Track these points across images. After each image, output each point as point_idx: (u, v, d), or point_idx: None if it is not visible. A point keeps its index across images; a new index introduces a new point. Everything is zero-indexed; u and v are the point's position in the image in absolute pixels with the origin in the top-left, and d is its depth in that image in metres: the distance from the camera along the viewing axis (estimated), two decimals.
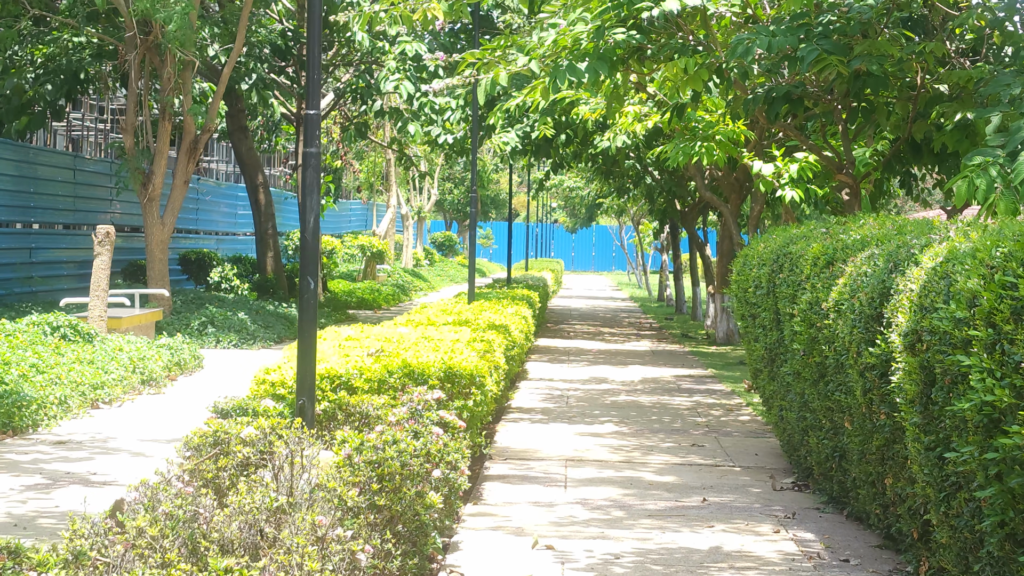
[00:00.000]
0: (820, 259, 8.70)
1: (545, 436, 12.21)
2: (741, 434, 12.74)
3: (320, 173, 7.65)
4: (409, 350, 10.00)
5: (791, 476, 10.30)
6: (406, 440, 6.72)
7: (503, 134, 23.47)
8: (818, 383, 8.76)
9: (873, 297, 7.09)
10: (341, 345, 10.31)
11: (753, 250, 11.22)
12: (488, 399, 9.36)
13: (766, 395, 11.13)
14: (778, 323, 10.05)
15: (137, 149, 21.08)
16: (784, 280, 9.58)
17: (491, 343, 11.43)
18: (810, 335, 8.68)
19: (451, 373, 9.03)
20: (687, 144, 16.03)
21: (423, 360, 9.14)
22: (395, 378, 8.95)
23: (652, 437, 12.36)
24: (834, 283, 8.22)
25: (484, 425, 12.46)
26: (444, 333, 12.05)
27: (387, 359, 9.18)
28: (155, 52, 20.61)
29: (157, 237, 21.04)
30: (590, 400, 15.20)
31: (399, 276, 44.50)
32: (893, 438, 7.00)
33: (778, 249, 10.09)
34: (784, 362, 9.96)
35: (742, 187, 22.98)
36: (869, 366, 7.07)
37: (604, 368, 19.20)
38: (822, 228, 9.99)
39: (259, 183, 28.69)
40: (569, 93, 17.22)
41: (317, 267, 7.33)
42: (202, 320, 20.77)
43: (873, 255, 7.68)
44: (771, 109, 12.68)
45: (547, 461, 10.82)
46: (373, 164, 46.96)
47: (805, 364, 8.95)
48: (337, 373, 8.92)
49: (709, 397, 15.89)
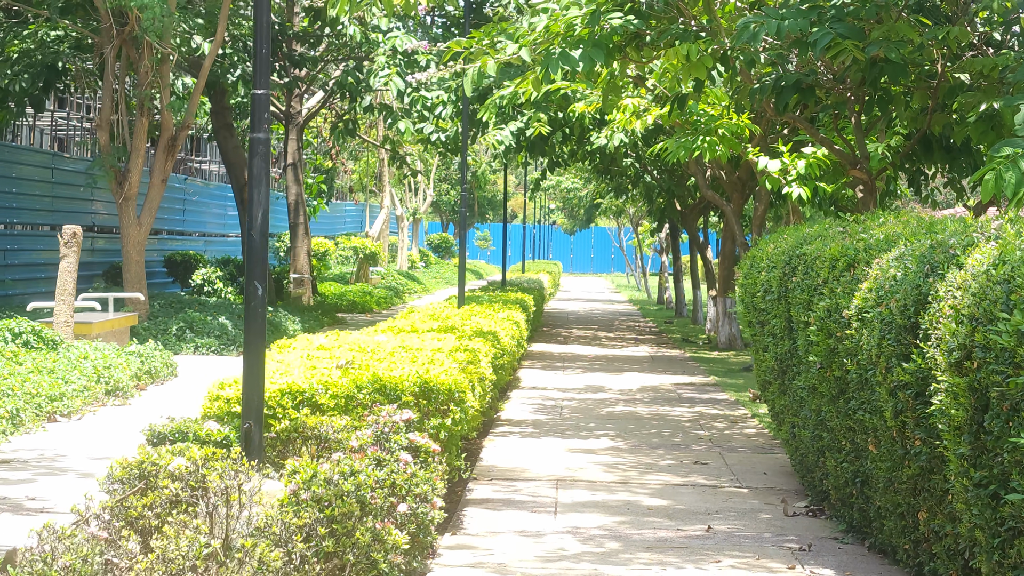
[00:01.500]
0: (839, 261, 7.78)
1: (535, 452, 11.28)
2: (747, 449, 11.82)
3: (269, 162, 6.74)
4: (384, 361, 9.07)
5: (804, 499, 9.37)
6: (366, 471, 5.80)
7: (497, 131, 22.53)
8: (837, 400, 7.83)
9: (906, 305, 6.16)
10: (310, 356, 9.38)
11: (762, 251, 10.29)
12: (470, 416, 8.44)
13: (776, 409, 10.20)
14: (790, 331, 9.13)
15: (113, 146, 20.15)
16: (798, 284, 8.66)
17: (476, 352, 10.50)
18: (828, 346, 7.76)
19: (427, 388, 8.10)
20: (688, 139, 15.13)
21: (396, 373, 8.21)
22: (364, 394, 8.01)
23: (651, 453, 11.43)
24: (856, 288, 7.29)
25: (470, 441, 11.53)
26: (426, 341, 11.12)
27: (357, 372, 8.25)
28: (132, 45, 19.68)
29: (133, 238, 20.10)
30: (585, 411, 14.27)
31: (393, 278, 43.56)
32: (930, 468, 6.07)
33: (790, 250, 9.16)
34: (797, 375, 9.04)
35: (745, 186, 22.07)
36: (902, 384, 6.14)
37: (600, 375, 18.28)
38: (838, 227, 9.08)
39: (245, 182, 27.68)
40: (563, 85, 16.31)
41: (265, 270, 6.42)
42: (180, 325, 19.83)
43: (903, 256, 6.76)
44: (780, 99, 11.75)
45: (536, 482, 9.89)
46: (367, 164, 46.02)
47: (822, 378, 8.02)
48: (300, 388, 7.98)
49: (712, 407, 14.96)
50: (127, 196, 19.95)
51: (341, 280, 40.08)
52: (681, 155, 14.90)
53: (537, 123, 21.33)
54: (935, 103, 12.12)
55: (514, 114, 23.01)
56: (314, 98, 30.78)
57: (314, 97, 30.82)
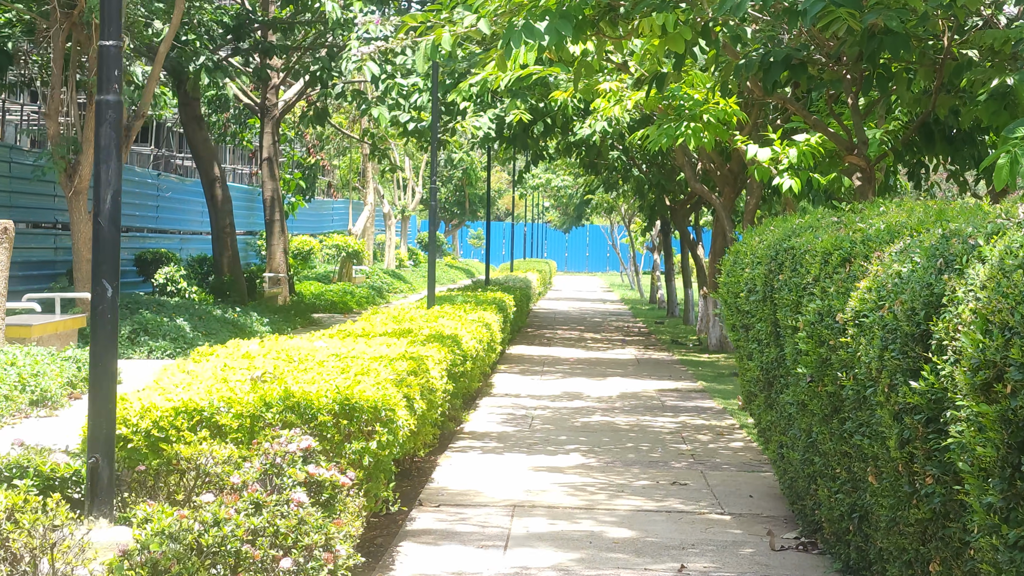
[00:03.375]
0: (833, 255, 6.58)
1: (495, 471, 10.07)
2: (733, 466, 10.61)
3: (120, 131, 5.55)
4: (309, 372, 7.87)
5: (793, 529, 8.17)
6: (237, 519, 4.59)
7: (474, 118, 21.32)
8: (830, 420, 6.63)
9: (914, 308, 4.96)
10: (227, 366, 8.17)
11: (746, 245, 9.08)
12: (402, 437, 7.23)
13: (762, 425, 8.99)
14: (777, 337, 7.92)
15: (63, 137, 18.94)
16: (785, 283, 7.46)
17: (424, 360, 9.29)
18: (819, 356, 6.56)
19: (348, 406, 6.89)
20: (671, 125, 13.90)
21: (314, 388, 7.00)
22: (274, 413, 6.80)
23: (624, 472, 10.22)
24: (853, 287, 6.09)
25: (422, 459, 10.34)
26: (373, 347, 9.93)
27: (267, 387, 7.05)
28: (81, 28, 18.46)
29: (85, 235, 18.88)
30: (558, 422, 13.06)
31: (378, 277, 42.34)
32: (945, 512, 4.88)
33: (777, 243, 7.96)
34: (785, 387, 7.83)
35: (736, 179, 20.86)
36: (909, 407, 4.94)
37: (580, 381, 17.06)
38: (832, 217, 7.88)
39: (215, 177, 26.55)
40: (537, 69, 15.10)
41: (116, 265, 5.23)
42: (134, 327, 18.63)
43: (908, 249, 5.56)
44: (768, 76, 10.54)
45: (489, 508, 8.68)
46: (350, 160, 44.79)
47: (813, 393, 6.82)
48: (197, 406, 6.77)
49: (697, 417, 13.76)
50: (77, 190, 18.73)
51: (324, 279, 38.85)
52: (663, 142, 13.67)
53: (515, 110, 20.08)
54: (940, 82, 10.91)
55: (493, 102, 21.81)
56: (291, 90, 29.57)
57: (291, 89, 29.62)
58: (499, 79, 14.87)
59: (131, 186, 30.57)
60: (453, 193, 65.75)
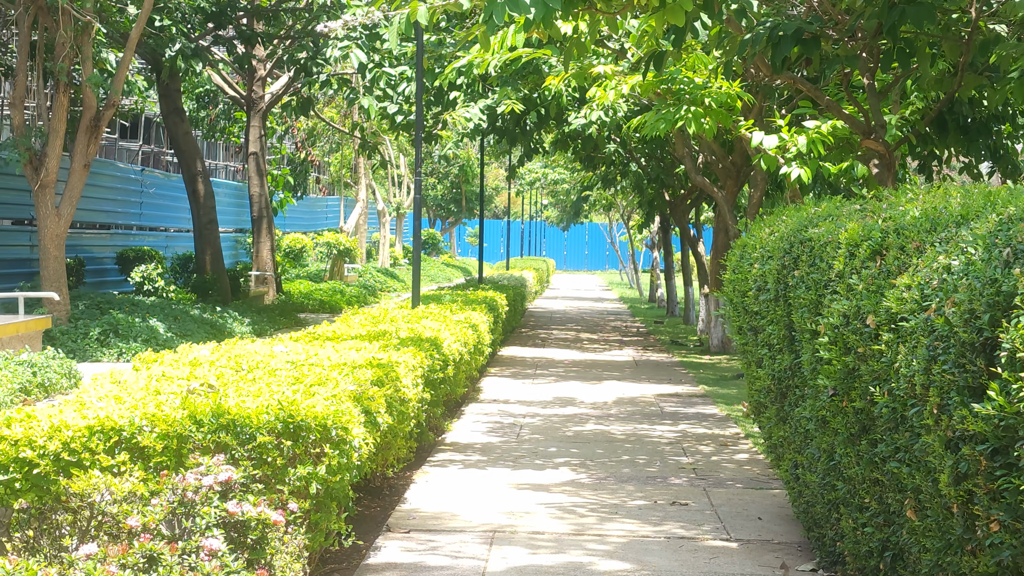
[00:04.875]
0: (861, 247, 5.59)
1: (475, 490, 9.08)
2: (738, 482, 9.63)
3: None
4: (258, 382, 6.89)
5: (810, 560, 7.18)
6: None
7: (464, 108, 20.33)
8: (858, 440, 5.64)
9: (973, 310, 3.98)
10: (164, 376, 7.18)
11: (754, 238, 8.09)
12: (357, 459, 6.24)
13: (773, 440, 7.99)
14: (792, 342, 6.94)
15: (28, 127, 17.95)
16: (801, 279, 6.47)
17: (394, 367, 8.30)
18: (845, 365, 5.57)
19: (292, 424, 5.90)
20: (669, 110, 12.92)
21: (254, 403, 6.01)
22: (205, 432, 5.82)
23: (618, 491, 9.22)
24: (887, 284, 5.11)
25: (396, 475, 9.35)
26: (342, 352, 8.95)
27: (203, 401, 6.06)
28: (47, 12, 17.47)
29: (52, 231, 17.88)
30: (548, 431, 12.07)
31: (371, 276, 41.33)
32: (1017, 567, 3.88)
33: (791, 234, 6.97)
34: (801, 400, 6.84)
35: (739, 172, 19.87)
36: (968, 435, 3.95)
37: (574, 385, 16.07)
38: (854, 204, 6.89)
39: (197, 171, 25.54)
40: (526, 51, 14.11)
41: None
42: (104, 328, 17.63)
43: (957, 238, 4.58)
44: (777, 52, 9.54)
45: (465, 534, 7.69)
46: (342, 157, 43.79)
47: (836, 409, 5.83)
48: (115, 425, 5.78)
49: (698, 425, 12.77)
50: (44, 183, 17.72)
51: (316, 278, 37.85)
52: (661, 128, 12.68)
53: (506, 100, 19.08)
54: (967, 58, 9.92)
55: (484, 92, 20.82)
56: (278, 83, 28.58)
57: (278, 81, 28.63)
58: (486, 62, 13.87)
59: (113, 181, 29.59)
60: (449, 190, 64.75)
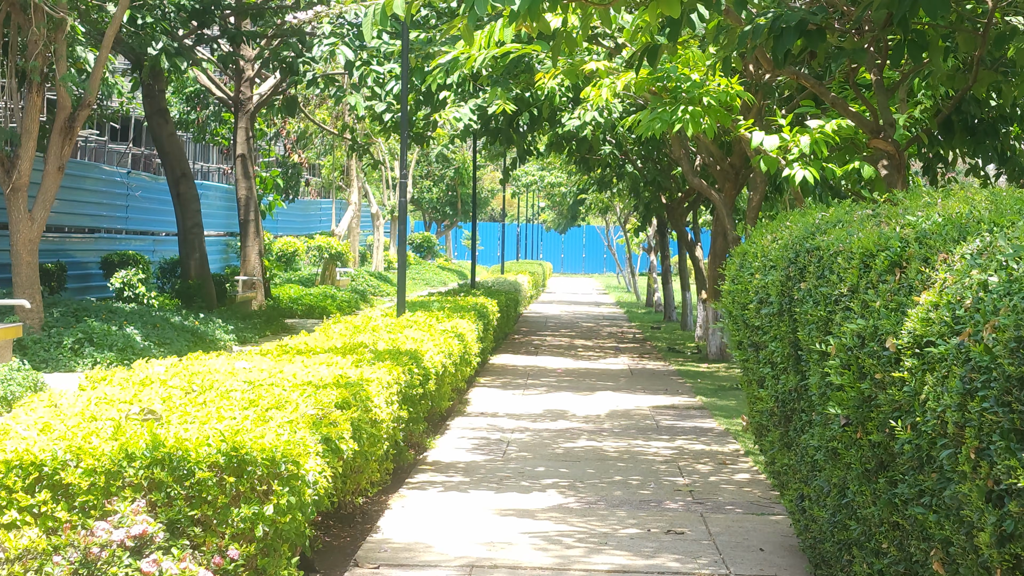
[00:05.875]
0: (877, 258, 4.94)
1: (454, 516, 8.41)
2: (738, 507, 8.97)
3: None
4: (208, 406, 6.24)
5: None
6: None
7: (455, 108, 19.67)
8: (874, 477, 4.99)
9: (1021, 339, 3.32)
10: (104, 398, 6.52)
11: (755, 245, 7.43)
12: (312, 497, 5.57)
13: (777, 467, 7.33)
14: (798, 361, 6.28)
15: (0, 128, 17.29)
16: (808, 293, 5.81)
17: (363, 386, 7.64)
18: (860, 392, 4.91)
19: (237, 458, 5.24)
20: (665, 109, 12.27)
21: (193, 434, 5.35)
22: (136, 468, 5.16)
23: (609, 517, 8.56)
24: (909, 302, 4.46)
25: (369, 499, 8.69)
26: (311, 368, 8.32)
27: (136, 432, 5.40)
28: (19, 9, 16.81)
29: (24, 235, 17.21)
30: (537, 448, 11.41)
31: (364, 280, 40.65)
32: None
33: (797, 242, 6.31)
34: (808, 426, 6.18)
35: (738, 174, 19.22)
36: (1015, 489, 3.30)
37: (566, 396, 15.41)
38: (866, 209, 6.23)
39: (181, 174, 24.90)
40: (514, 47, 13.45)
41: None
42: (78, 337, 16.97)
43: (992, 249, 3.93)
44: (779, 45, 8.89)
45: (438, 570, 7.02)
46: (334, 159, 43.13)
47: (849, 441, 5.18)
48: (36, 460, 5.12)
49: (696, 441, 12.11)
50: (16, 186, 17.07)
51: (308, 282, 37.15)
52: (656, 128, 12.02)
53: (496, 99, 18.42)
54: (983, 51, 9.26)
55: (474, 91, 20.17)
56: (266, 83, 27.94)
57: (266, 82, 27.99)
58: (472, 58, 13.22)
59: (98, 184, 28.97)
60: (445, 193, 64.09)
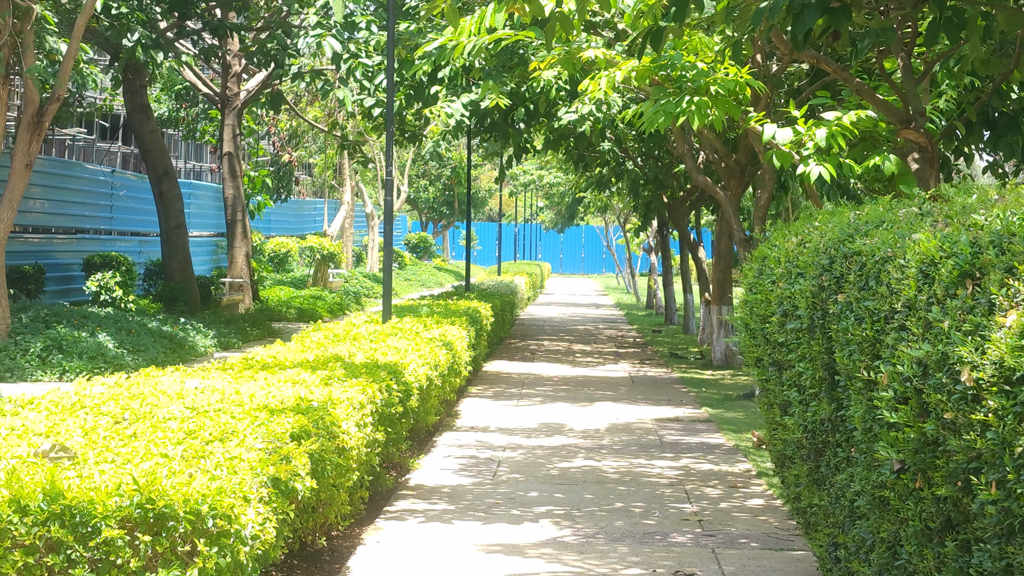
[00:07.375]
0: (942, 267, 3.98)
1: (433, 555, 7.46)
2: (753, 540, 8.02)
3: None
4: (140, 439, 5.30)
5: None
6: None
7: (447, 103, 18.72)
8: (940, 539, 4.03)
9: None
10: (11, 430, 5.56)
11: (778, 248, 6.47)
12: (245, 556, 4.62)
13: (803, 505, 6.37)
14: (833, 387, 5.32)
15: None
16: (849, 307, 4.86)
17: (329, 410, 6.69)
18: (923, 434, 3.96)
19: (154, 512, 4.29)
20: (669, 101, 11.32)
21: (103, 481, 4.40)
22: (29, 525, 4.21)
23: (609, 553, 7.61)
24: (990, 324, 3.51)
25: (339, 533, 7.75)
26: (275, 386, 7.38)
27: (33, 478, 4.45)
28: None
29: None
30: (530, 469, 10.46)
31: (357, 282, 39.68)
32: None
33: (831, 246, 5.36)
34: (845, 463, 5.23)
35: (744, 171, 18.27)
36: None
37: (563, 408, 14.46)
38: (913, 206, 5.27)
39: (163, 172, 23.96)
40: (507, 33, 12.50)
41: None
42: (46, 344, 16.02)
43: None
44: (799, 24, 7.94)
45: None
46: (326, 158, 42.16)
47: (906, 491, 4.22)
48: None
49: (703, 459, 11.16)
50: None
51: (299, 284, 36.20)
52: (660, 122, 11.08)
53: (489, 92, 17.47)
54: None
55: (467, 85, 19.23)
56: (254, 79, 27.00)
57: (254, 78, 27.05)
58: (461, 45, 12.26)
59: (81, 184, 28.02)
60: (442, 192, 63.16)
